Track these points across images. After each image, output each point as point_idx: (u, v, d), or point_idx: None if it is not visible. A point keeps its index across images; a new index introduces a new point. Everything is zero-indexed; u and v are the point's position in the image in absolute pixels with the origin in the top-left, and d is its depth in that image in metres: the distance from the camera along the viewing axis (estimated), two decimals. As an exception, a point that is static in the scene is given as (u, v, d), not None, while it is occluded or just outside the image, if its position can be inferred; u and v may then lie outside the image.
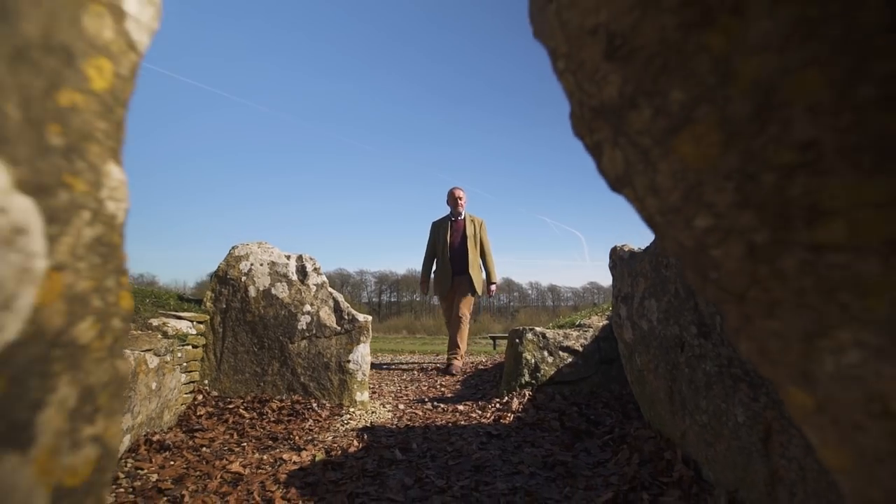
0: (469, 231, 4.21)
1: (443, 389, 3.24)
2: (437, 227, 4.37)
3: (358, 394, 2.63)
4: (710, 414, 1.42)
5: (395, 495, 1.43)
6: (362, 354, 2.69)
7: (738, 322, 0.41)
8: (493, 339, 9.27)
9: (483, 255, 4.26)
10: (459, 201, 4.25)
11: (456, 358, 3.97)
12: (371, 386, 3.21)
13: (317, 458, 1.76)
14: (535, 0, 0.45)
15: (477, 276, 4.14)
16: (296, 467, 1.67)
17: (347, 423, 2.32)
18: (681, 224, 0.39)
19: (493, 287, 4.31)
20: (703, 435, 1.45)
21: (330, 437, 2.07)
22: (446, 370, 3.89)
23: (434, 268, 4.32)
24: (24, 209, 0.26)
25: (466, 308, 4.12)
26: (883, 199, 0.30)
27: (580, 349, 2.82)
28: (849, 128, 0.31)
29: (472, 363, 4.24)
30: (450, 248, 4.20)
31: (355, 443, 1.96)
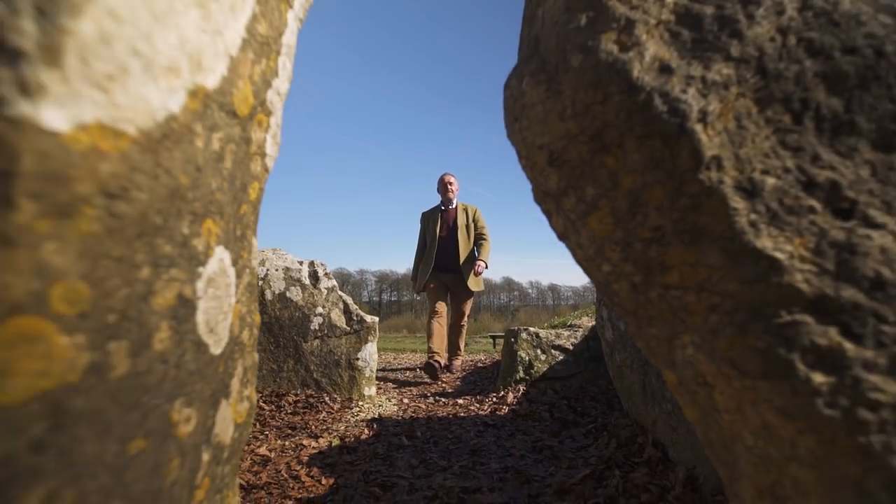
0: (461, 221, 3.77)
1: (444, 385, 3.48)
2: (427, 218, 3.93)
3: (366, 388, 2.87)
4: (674, 403, 1.65)
5: (403, 473, 1.67)
6: (370, 352, 2.92)
7: (634, 329, 0.65)
8: (493, 338, 9.42)
9: (479, 239, 3.84)
10: (450, 187, 3.82)
11: (457, 358, 4.06)
12: (376, 383, 3.44)
13: (333, 444, 2.00)
14: (508, 116, 0.68)
15: (471, 271, 3.74)
16: (315, 451, 1.91)
17: (357, 415, 2.55)
18: (595, 268, 0.62)
19: (481, 263, 3.77)
20: (669, 421, 1.69)
21: (343, 427, 2.31)
22: (447, 369, 3.91)
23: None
24: (231, 274, 0.50)
25: (465, 314, 3.94)
26: (694, 261, 0.53)
27: (571, 348, 3.06)
28: (678, 220, 0.54)
29: (471, 361, 4.46)
30: (439, 240, 3.75)
31: (366, 431, 2.20)
